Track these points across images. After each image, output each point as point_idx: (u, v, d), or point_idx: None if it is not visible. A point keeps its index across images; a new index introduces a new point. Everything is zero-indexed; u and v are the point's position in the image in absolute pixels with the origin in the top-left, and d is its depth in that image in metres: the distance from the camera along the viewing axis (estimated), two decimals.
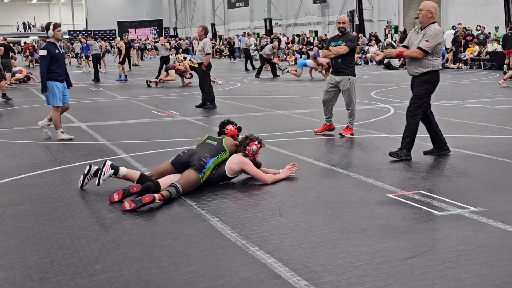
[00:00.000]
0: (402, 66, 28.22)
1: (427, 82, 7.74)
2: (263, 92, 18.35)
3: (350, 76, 9.86)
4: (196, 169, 6.37)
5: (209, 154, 6.56)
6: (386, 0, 39.37)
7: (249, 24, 55.66)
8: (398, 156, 7.70)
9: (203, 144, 6.82)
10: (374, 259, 4.36)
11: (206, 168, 6.44)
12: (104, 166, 6.36)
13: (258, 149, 6.92)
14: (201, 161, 6.43)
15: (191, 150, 6.66)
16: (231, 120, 7.42)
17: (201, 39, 14.36)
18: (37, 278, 4.16)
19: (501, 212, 5.45)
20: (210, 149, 6.66)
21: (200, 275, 4.16)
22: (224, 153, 6.72)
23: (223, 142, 6.81)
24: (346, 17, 10.29)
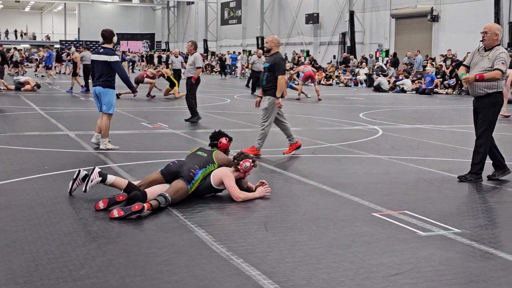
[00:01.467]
0: (392, 90, 28.45)
1: (494, 105, 7.74)
2: (253, 109, 18.40)
3: (271, 96, 9.63)
4: (185, 180, 6.41)
5: (198, 166, 6.61)
6: (378, 24, 39.70)
7: (241, 41, 55.91)
8: (467, 180, 7.79)
9: (193, 156, 6.86)
10: (358, 275, 4.41)
11: (195, 180, 6.49)
12: (92, 173, 6.38)
13: (251, 166, 6.94)
14: (190, 172, 6.47)
15: (181, 161, 6.70)
16: (224, 133, 7.46)
17: (191, 54, 14.41)
18: (21, 281, 4.16)
19: (484, 235, 5.51)
20: (200, 161, 6.70)
21: (184, 284, 4.18)
22: (213, 165, 6.77)
23: (213, 155, 6.87)
24: (273, 37, 9.83)
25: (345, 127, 13.87)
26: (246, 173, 6.93)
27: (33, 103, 18.62)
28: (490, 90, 7.66)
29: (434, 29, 34.80)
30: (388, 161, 9.32)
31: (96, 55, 10.13)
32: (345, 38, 41.20)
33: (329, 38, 44.17)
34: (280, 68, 9.52)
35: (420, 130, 13.45)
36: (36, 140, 10.85)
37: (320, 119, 15.63)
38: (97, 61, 10.06)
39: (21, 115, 15.50)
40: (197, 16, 64.61)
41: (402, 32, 37.53)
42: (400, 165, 8.98)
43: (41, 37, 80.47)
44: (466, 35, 31.68)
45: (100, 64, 9.98)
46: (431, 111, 18.61)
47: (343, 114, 17.27)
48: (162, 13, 75.54)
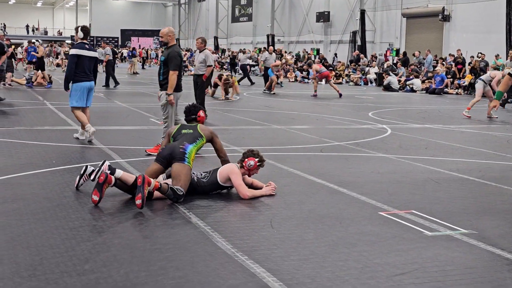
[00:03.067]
0: (402, 89, 28.36)
1: None
2: (262, 107, 18.41)
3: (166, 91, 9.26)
4: (179, 160, 6.52)
5: (187, 141, 6.75)
6: (389, 23, 39.57)
7: (251, 39, 55.87)
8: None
9: (180, 136, 6.93)
10: (363, 274, 4.39)
11: (187, 153, 6.61)
12: (103, 165, 6.38)
13: (255, 165, 6.90)
14: (180, 149, 6.60)
15: (170, 144, 6.86)
16: (199, 106, 7.49)
17: (201, 51, 14.23)
18: (25, 274, 4.17)
19: (491, 235, 5.48)
20: (187, 138, 6.84)
21: (188, 280, 4.18)
22: (201, 139, 6.93)
23: (198, 129, 7.01)
24: (168, 29, 9.44)
25: (354, 126, 13.83)
26: (251, 171, 6.91)
27: (43, 98, 18.68)
28: None
29: (445, 28, 34.66)
30: (396, 161, 9.29)
31: (85, 51, 10.30)
32: (355, 37, 41.10)
33: (340, 36, 44.09)
34: (172, 62, 9.11)
35: (429, 130, 13.40)
36: (45, 135, 10.88)
37: (329, 117, 15.60)
38: (89, 57, 10.31)
39: (31, 109, 15.55)
40: (208, 13, 64.62)
41: (413, 31, 37.39)
42: (408, 165, 8.94)
43: (52, 32, 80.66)
44: (477, 35, 31.55)
45: (92, 60, 10.38)
46: (441, 111, 18.54)
47: (352, 112, 17.23)
48: (173, 10, 75.60)
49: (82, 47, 10.28)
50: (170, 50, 9.20)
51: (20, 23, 78.11)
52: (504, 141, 11.95)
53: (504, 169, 8.94)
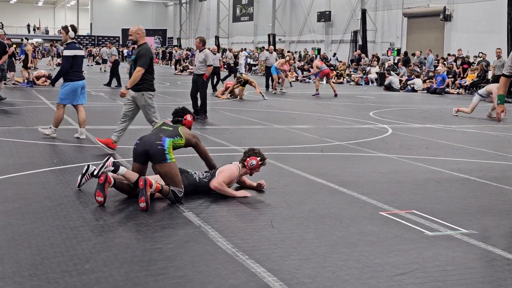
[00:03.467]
0: (403, 89, 28.34)
1: None
2: (263, 106, 18.41)
3: (144, 92, 9.13)
4: (160, 161, 6.30)
5: (164, 135, 6.48)
6: (390, 23, 39.56)
7: (252, 39, 55.88)
8: None
9: (158, 130, 6.69)
10: (363, 274, 4.39)
11: (167, 149, 6.33)
12: (107, 161, 6.33)
13: (257, 164, 6.92)
14: (158, 147, 6.32)
15: (143, 138, 6.55)
16: (188, 109, 7.18)
17: (200, 51, 14.22)
18: (26, 274, 4.17)
19: (492, 235, 5.49)
20: (164, 133, 6.56)
21: (188, 280, 4.18)
22: (180, 139, 6.58)
23: (179, 130, 6.68)
24: (137, 27, 9.17)
25: (355, 126, 13.84)
26: (252, 170, 6.92)
27: (44, 97, 18.68)
28: None
29: (446, 28, 34.64)
30: (397, 160, 9.29)
31: (77, 50, 10.47)
32: (356, 36, 41.08)
33: (341, 36, 44.08)
34: (142, 59, 8.94)
35: (430, 130, 13.40)
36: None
37: (330, 117, 15.60)
38: (81, 56, 10.57)
39: (32, 108, 15.55)
40: (209, 12, 64.61)
41: (414, 31, 37.38)
42: (409, 165, 8.94)
43: (53, 31, 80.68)
44: (478, 35, 31.54)
45: (82, 58, 10.65)
46: (442, 111, 18.53)
47: (353, 112, 17.22)
48: (174, 9, 75.60)
49: (75, 47, 10.44)
50: (141, 48, 9.08)
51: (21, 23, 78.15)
52: (505, 141, 11.94)
53: (505, 169, 8.94)
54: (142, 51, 9.02)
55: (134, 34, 9.12)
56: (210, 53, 14.36)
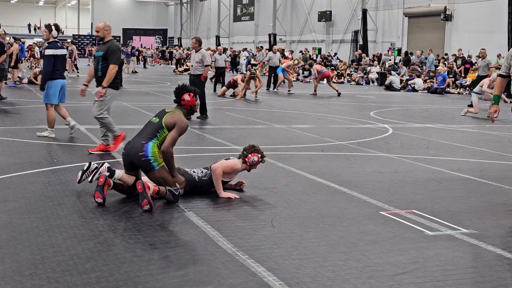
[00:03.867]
0: (403, 89, 28.33)
1: None
2: (263, 106, 18.41)
3: (109, 88, 8.94)
4: (147, 170, 6.25)
5: (146, 138, 6.30)
6: (391, 22, 39.56)
7: (253, 38, 55.88)
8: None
9: (146, 126, 6.53)
10: (363, 273, 4.39)
11: (151, 157, 6.21)
12: (101, 166, 6.37)
13: (258, 161, 6.93)
14: (142, 158, 6.21)
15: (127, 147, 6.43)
16: (188, 87, 6.77)
17: (196, 51, 14.08)
18: (27, 273, 4.18)
19: (491, 235, 5.48)
20: (148, 132, 6.38)
21: (189, 279, 4.18)
22: (163, 131, 6.34)
23: (162, 120, 6.39)
24: (104, 24, 9.08)
25: (355, 125, 13.84)
26: (252, 167, 6.92)
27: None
28: None
29: (447, 28, 34.64)
30: (398, 160, 9.29)
31: (59, 49, 10.36)
32: (357, 36, 41.09)
33: (342, 36, 44.08)
34: (114, 56, 8.82)
35: (431, 130, 13.40)
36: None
37: (330, 117, 15.60)
38: (62, 55, 10.46)
39: (32, 108, 15.55)
40: (209, 12, 64.61)
41: (414, 31, 37.37)
42: (409, 164, 8.94)
43: None
44: (479, 35, 31.52)
45: (64, 58, 10.57)
46: (442, 111, 18.53)
47: (354, 112, 17.22)
48: (175, 9, 75.60)
49: (57, 47, 10.34)
50: (110, 44, 8.92)
51: (22, 22, 78.17)
52: (506, 141, 11.94)
53: (506, 169, 8.94)
54: (113, 47, 8.87)
55: (102, 31, 9.00)
56: (207, 53, 14.29)
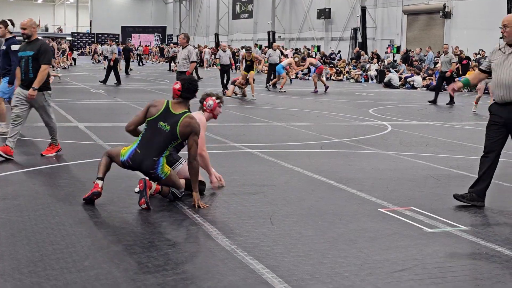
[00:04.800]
0: (402, 86, 28.34)
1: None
2: (262, 103, 18.41)
3: (44, 91, 8.33)
4: (155, 180, 6.08)
5: (157, 154, 5.99)
6: (390, 20, 39.53)
7: (252, 36, 55.85)
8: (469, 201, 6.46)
9: (152, 134, 6.05)
10: (362, 270, 4.40)
11: (161, 172, 6.03)
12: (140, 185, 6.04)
13: (215, 104, 6.80)
14: (153, 175, 6.02)
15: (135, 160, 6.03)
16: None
17: (184, 47, 13.81)
18: (26, 271, 4.18)
19: (490, 232, 5.49)
20: (158, 144, 5.99)
21: (187, 277, 4.19)
22: (176, 141, 6.08)
23: (177, 126, 6.00)
24: (30, 20, 8.47)
25: (354, 123, 13.84)
26: (213, 112, 6.85)
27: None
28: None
29: (446, 25, 34.62)
30: (396, 157, 9.29)
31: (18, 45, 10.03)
32: (356, 33, 41.07)
33: (341, 33, 44.05)
34: (46, 56, 8.26)
35: (429, 127, 13.40)
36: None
37: (329, 114, 15.61)
38: None
39: None
40: (208, 10, 64.57)
41: (414, 28, 37.36)
42: (408, 162, 8.95)
43: (53, 29, 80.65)
44: (478, 32, 31.50)
45: None
46: (441, 108, 18.53)
47: (353, 109, 17.22)
48: (174, 7, 75.54)
49: (16, 42, 10.07)
50: (41, 44, 8.37)
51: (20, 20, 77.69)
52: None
53: (504, 166, 8.93)
54: (44, 47, 8.35)
55: (29, 28, 8.38)
56: (193, 50, 14.02)
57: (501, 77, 6.33)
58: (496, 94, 6.42)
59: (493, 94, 6.53)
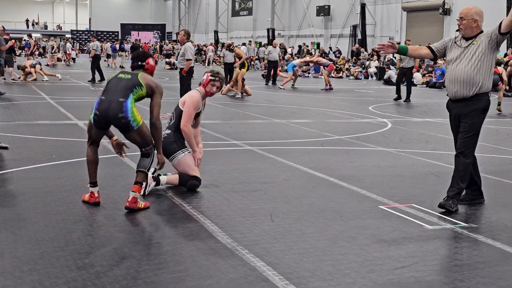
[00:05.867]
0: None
1: (484, 111, 6.09)
2: (262, 100, 18.39)
3: None
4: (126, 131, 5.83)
5: (123, 95, 5.78)
6: (390, 17, 39.53)
7: (251, 33, 55.83)
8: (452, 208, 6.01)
9: (115, 82, 5.92)
10: (363, 267, 4.39)
11: (130, 117, 5.75)
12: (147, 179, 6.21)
13: (207, 79, 6.76)
14: (122, 120, 5.74)
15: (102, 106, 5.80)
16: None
17: (183, 44, 13.63)
18: (26, 269, 4.17)
19: (491, 228, 5.49)
20: (122, 88, 5.82)
21: (188, 274, 4.18)
22: (140, 88, 5.87)
23: (138, 77, 5.92)
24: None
25: (354, 120, 13.83)
26: (206, 88, 6.80)
27: (43, 92, 18.67)
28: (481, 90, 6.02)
29: (445, 22, 34.62)
30: (397, 154, 9.29)
31: None
32: (356, 30, 41.06)
33: (340, 30, 44.04)
34: None
35: (430, 124, 13.40)
36: (45, 129, 10.88)
37: (329, 111, 15.59)
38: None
39: (31, 104, 15.53)
40: (208, 7, 64.54)
41: (413, 25, 37.36)
42: (408, 158, 8.94)
43: (52, 26, 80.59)
44: None
45: None
46: (441, 105, 18.50)
47: (353, 106, 17.22)
48: (173, 4, 75.49)
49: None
50: None
51: (20, 18, 77.99)
52: (505, 135, 11.94)
53: (505, 163, 8.94)
54: None
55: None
56: (190, 47, 13.79)
57: (456, 72, 6.04)
58: (450, 90, 6.14)
59: (446, 90, 6.29)
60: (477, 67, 5.96)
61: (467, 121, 6.05)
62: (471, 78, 5.95)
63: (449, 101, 6.28)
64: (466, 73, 5.98)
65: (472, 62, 5.97)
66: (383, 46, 6.32)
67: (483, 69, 5.97)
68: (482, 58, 5.96)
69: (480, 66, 5.97)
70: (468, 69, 5.97)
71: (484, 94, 6.03)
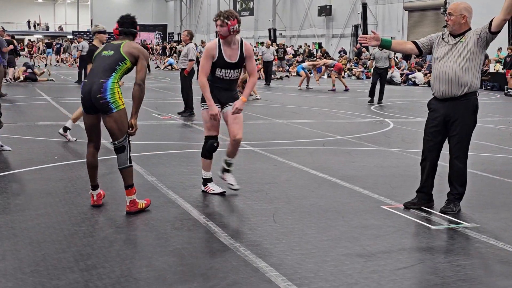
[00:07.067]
0: (404, 83, 28.30)
1: (475, 112, 6.02)
2: (263, 101, 18.38)
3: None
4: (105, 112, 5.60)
5: (104, 76, 5.62)
6: (391, 16, 39.50)
7: (253, 33, 55.82)
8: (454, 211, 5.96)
9: (99, 62, 5.76)
10: (365, 268, 4.38)
11: (110, 100, 5.57)
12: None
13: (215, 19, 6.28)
14: (101, 101, 5.55)
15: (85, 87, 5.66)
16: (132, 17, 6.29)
17: (186, 44, 13.69)
18: (28, 270, 4.17)
19: (493, 228, 5.47)
20: (105, 67, 5.66)
21: (190, 275, 4.17)
22: (124, 62, 5.71)
23: (120, 50, 5.72)
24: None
25: (356, 120, 13.82)
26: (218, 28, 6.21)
27: (44, 94, 18.67)
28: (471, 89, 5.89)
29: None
30: (399, 154, 9.27)
31: None
32: (357, 30, 41.03)
33: (342, 30, 44.01)
34: None
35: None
36: (46, 130, 10.87)
37: (331, 111, 15.58)
38: None
39: (33, 105, 15.54)
40: (209, 7, 64.51)
41: (415, 24, 37.32)
42: (410, 158, 8.92)
43: (54, 27, 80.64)
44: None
45: None
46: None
47: (354, 106, 17.20)
48: (174, 5, 75.50)
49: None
50: None
51: (21, 19, 78.05)
52: (507, 134, 11.92)
53: (507, 162, 8.92)
54: None
55: None
56: (193, 48, 13.76)
57: (444, 70, 5.85)
58: (436, 88, 5.94)
59: (432, 88, 6.11)
60: (465, 65, 5.81)
61: (459, 124, 5.93)
62: (460, 77, 5.80)
63: (434, 100, 6.09)
64: (454, 72, 5.82)
65: (460, 60, 5.82)
66: (365, 38, 6.14)
67: (472, 68, 5.82)
68: (471, 56, 5.82)
69: (469, 64, 5.81)
70: (456, 67, 5.81)
71: (473, 93, 5.89)
